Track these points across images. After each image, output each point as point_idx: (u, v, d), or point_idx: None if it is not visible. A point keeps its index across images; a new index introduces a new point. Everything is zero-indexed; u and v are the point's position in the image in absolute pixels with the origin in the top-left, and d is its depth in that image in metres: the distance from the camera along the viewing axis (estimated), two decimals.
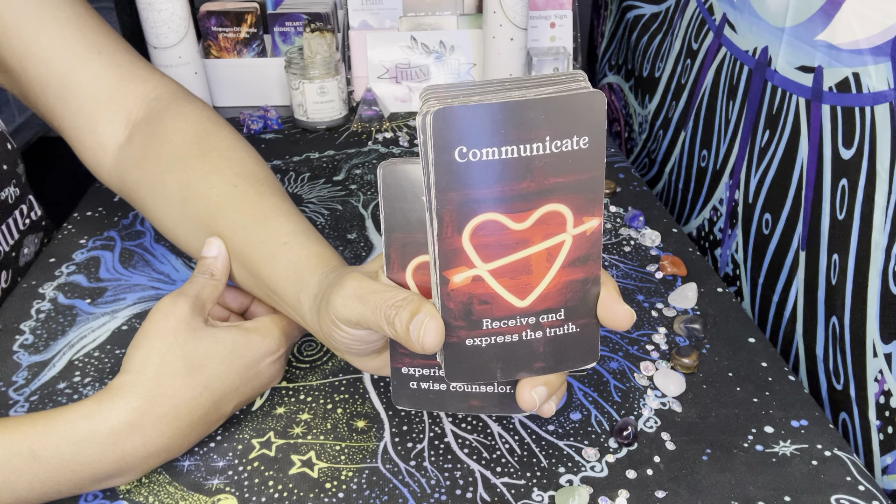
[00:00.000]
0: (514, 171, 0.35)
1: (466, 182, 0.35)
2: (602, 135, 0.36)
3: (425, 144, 0.35)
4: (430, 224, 0.36)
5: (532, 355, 0.40)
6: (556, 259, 0.38)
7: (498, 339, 0.39)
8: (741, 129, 0.70)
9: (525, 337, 0.39)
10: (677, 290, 0.66)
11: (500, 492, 0.48)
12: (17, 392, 0.56)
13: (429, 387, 0.45)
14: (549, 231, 0.37)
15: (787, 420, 0.53)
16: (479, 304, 0.38)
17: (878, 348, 0.51)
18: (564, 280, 0.39)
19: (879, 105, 0.50)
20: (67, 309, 0.64)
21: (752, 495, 0.47)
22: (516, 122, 0.34)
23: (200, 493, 0.48)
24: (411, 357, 0.44)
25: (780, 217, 0.64)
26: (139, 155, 0.57)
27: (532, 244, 0.37)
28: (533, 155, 0.35)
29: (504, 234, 0.37)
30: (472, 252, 0.37)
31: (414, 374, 0.45)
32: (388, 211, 0.40)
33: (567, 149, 0.35)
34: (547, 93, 0.35)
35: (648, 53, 0.94)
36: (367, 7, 1.03)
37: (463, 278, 0.37)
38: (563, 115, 0.35)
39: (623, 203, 0.81)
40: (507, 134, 0.34)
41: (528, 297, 0.38)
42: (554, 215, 0.37)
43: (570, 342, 0.40)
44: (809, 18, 0.58)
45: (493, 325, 0.39)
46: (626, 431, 0.51)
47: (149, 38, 0.92)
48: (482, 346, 0.39)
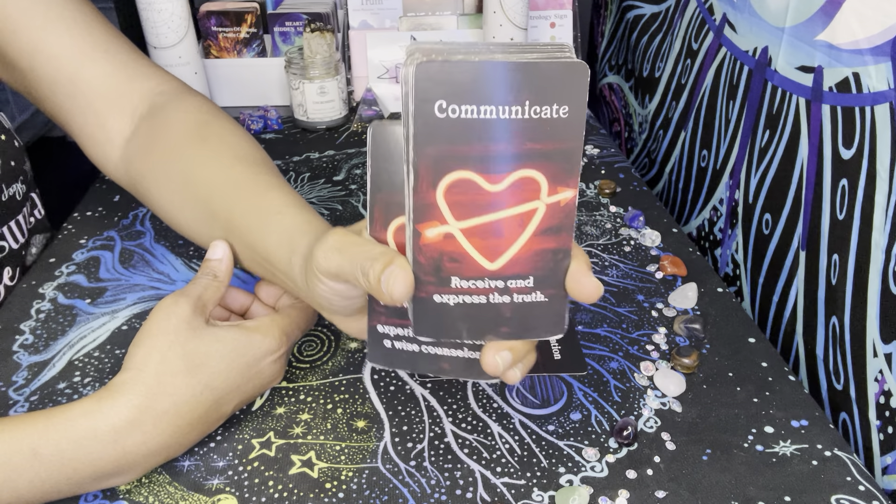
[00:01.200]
0: (491, 132, 0.36)
1: (444, 137, 0.36)
2: (582, 106, 0.36)
3: (407, 97, 0.35)
4: (407, 177, 0.37)
5: (498, 319, 0.40)
6: (527, 225, 0.38)
7: (466, 298, 0.39)
8: (741, 129, 0.70)
9: (492, 300, 0.40)
10: (677, 290, 0.66)
11: (500, 492, 0.48)
12: (16, 392, 0.56)
13: (402, 347, 0.45)
14: (523, 196, 0.38)
15: (788, 420, 0.53)
16: (449, 262, 0.39)
17: (878, 348, 0.51)
18: (535, 248, 0.39)
19: (879, 105, 0.50)
20: (67, 309, 0.64)
21: (752, 495, 0.47)
22: (497, 83, 0.35)
23: (200, 493, 0.48)
24: (387, 316, 0.45)
25: (781, 217, 0.64)
26: (143, 147, 0.59)
27: (505, 207, 0.38)
28: (511, 118, 0.36)
29: (478, 194, 0.37)
30: (446, 208, 0.37)
31: (389, 332, 0.45)
32: (374, 170, 0.41)
33: (546, 116, 0.36)
34: (531, 58, 0.35)
35: (648, 53, 0.94)
36: (367, 7, 1.03)
37: (435, 234, 0.38)
38: (545, 82, 0.35)
39: (623, 203, 0.81)
40: (486, 94, 0.35)
41: (497, 261, 0.39)
42: (528, 181, 0.37)
43: (537, 311, 0.40)
44: (809, 18, 0.58)
45: (462, 285, 0.39)
46: (627, 431, 0.51)
47: (149, 38, 0.92)
48: (450, 304, 0.39)
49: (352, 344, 0.61)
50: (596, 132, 0.98)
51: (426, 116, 0.35)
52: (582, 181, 0.85)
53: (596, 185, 0.84)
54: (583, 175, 0.86)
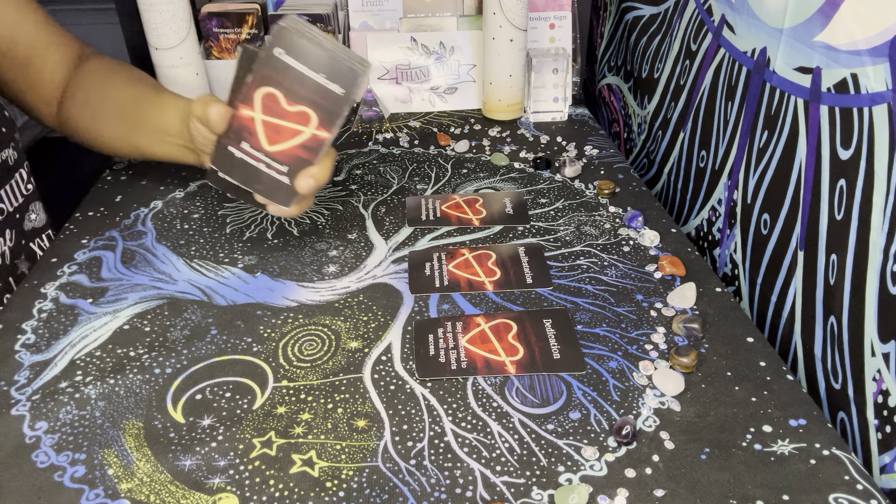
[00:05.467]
0: (300, 79, 0.58)
1: (274, 67, 0.58)
2: (352, 93, 0.59)
3: (268, 38, 0.59)
4: (248, 79, 0.59)
5: (257, 179, 0.62)
6: (296, 137, 0.61)
7: (245, 158, 0.62)
8: (740, 129, 0.70)
9: (258, 167, 0.62)
10: (676, 289, 0.66)
11: (499, 490, 0.48)
12: (18, 391, 0.56)
13: (224, 177, 0.64)
14: (301, 121, 0.60)
15: (786, 419, 0.53)
16: (246, 133, 0.61)
17: (876, 348, 0.51)
18: (295, 153, 0.61)
19: (877, 106, 0.50)
20: (69, 308, 0.65)
21: (751, 494, 0.48)
22: (315, 59, 0.58)
23: (202, 491, 0.48)
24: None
25: (779, 217, 0.64)
26: (69, 91, 0.78)
27: (289, 121, 0.60)
28: (312, 78, 0.58)
29: (277, 105, 0.60)
30: (258, 103, 0.60)
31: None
32: (237, 74, 0.62)
33: (330, 88, 0.59)
34: (339, 56, 0.58)
35: (647, 54, 0.95)
36: (367, 8, 1.03)
37: (246, 113, 0.60)
38: (337, 72, 0.58)
39: (622, 203, 0.81)
40: (307, 60, 0.58)
41: (273, 146, 0.61)
42: (306, 115, 0.60)
43: (280, 187, 0.62)
44: (808, 19, 0.58)
45: (247, 149, 0.61)
46: (625, 430, 0.51)
47: (150, 40, 0.92)
48: (236, 155, 0.62)
49: (352, 344, 0.61)
50: (595, 133, 0.98)
51: (269, 52, 0.58)
52: (581, 181, 0.86)
53: (595, 185, 0.84)
54: (582, 175, 0.87)
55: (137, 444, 0.52)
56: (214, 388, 0.57)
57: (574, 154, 0.92)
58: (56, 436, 0.52)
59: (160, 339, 0.61)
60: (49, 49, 0.77)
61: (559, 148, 0.94)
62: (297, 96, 0.59)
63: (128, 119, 0.75)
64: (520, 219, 0.79)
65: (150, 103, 0.74)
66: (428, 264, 0.71)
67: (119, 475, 0.49)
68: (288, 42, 0.58)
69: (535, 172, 0.88)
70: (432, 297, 0.67)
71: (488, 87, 1.00)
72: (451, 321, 0.63)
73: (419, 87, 1.04)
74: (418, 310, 0.65)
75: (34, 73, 0.77)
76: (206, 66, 0.98)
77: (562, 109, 1.01)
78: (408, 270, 0.70)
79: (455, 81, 1.04)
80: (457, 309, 0.65)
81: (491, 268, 0.70)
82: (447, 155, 0.93)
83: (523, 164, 0.90)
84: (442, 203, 0.81)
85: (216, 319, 0.64)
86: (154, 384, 0.57)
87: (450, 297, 0.67)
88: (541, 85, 0.99)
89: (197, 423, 0.53)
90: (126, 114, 0.76)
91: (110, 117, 0.77)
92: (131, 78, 0.79)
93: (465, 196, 0.83)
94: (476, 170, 0.89)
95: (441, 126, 1.01)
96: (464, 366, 0.58)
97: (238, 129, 0.61)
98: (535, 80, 0.99)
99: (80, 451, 0.51)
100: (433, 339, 0.61)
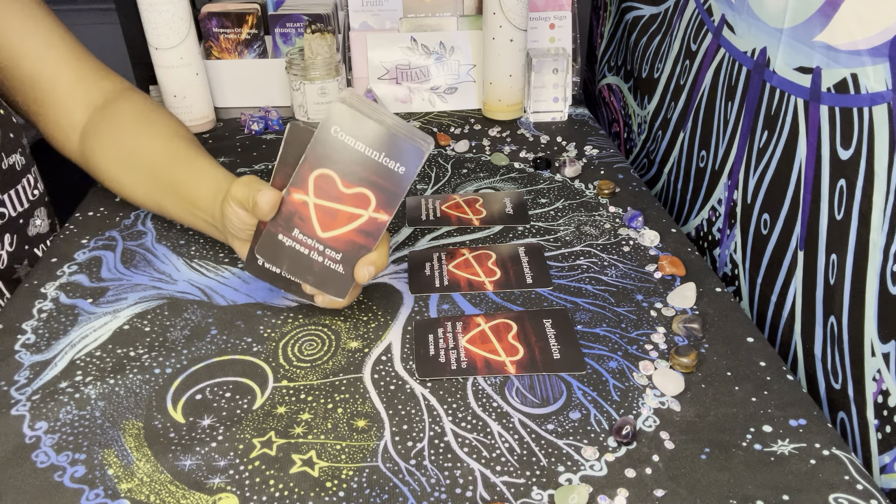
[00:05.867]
0: (357, 158, 0.55)
1: (330, 147, 0.55)
2: (414, 170, 0.55)
3: (325, 116, 0.55)
4: (301, 160, 0.56)
5: (309, 269, 0.58)
6: (353, 222, 0.57)
7: (296, 246, 0.58)
8: (740, 129, 0.70)
9: (311, 255, 0.58)
10: (676, 289, 0.66)
11: (499, 490, 0.48)
12: (18, 391, 0.56)
13: (267, 266, 0.61)
14: (358, 203, 0.57)
15: (786, 419, 0.53)
16: (298, 219, 0.57)
17: (876, 348, 0.51)
18: (351, 238, 0.57)
19: (877, 106, 0.50)
20: (69, 308, 0.65)
21: (751, 494, 0.48)
22: (371, 135, 0.55)
23: (202, 491, 0.48)
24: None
25: (779, 217, 0.64)
26: (97, 129, 0.75)
27: (345, 204, 0.57)
28: (370, 156, 0.55)
29: (333, 188, 0.56)
30: (311, 186, 0.56)
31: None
32: (283, 151, 0.57)
33: (390, 166, 0.55)
34: (399, 132, 0.55)
35: (647, 54, 0.95)
36: (367, 8, 1.03)
37: (298, 197, 0.57)
38: (397, 148, 0.55)
39: (622, 203, 0.81)
40: (363, 137, 0.55)
41: (326, 233, 0.57)
42: (365, 197, 0.56)
43: (334, 276, 0.59)
44: (808, 19, 0.58)
45: (298, 236, 0.58)
46: (625, 430, 0.51)
47: (150, 39, 0.92)
48: (285, 243, 0.58)
49: (352, 344, 0.61)
50: (595, 133, 0.98)
51: (325, 130, 0.55)
52: (581, 181, 0.86)
53: (595, 185, 0.84)
54: (582, 175, 0.87)
55: (137, 444, 0.52)
56: (214, 388, 0.57)
57: (574, 154, 0.92)
58: (56, 436, 0.52)
59: (160, 339, 0.61)
60: (74, 85, 0.75)
61: (559, 148, 0.94)
62: (354, 177, 0.55)
63: (157, 181, 0.71)
64: (520, 219, 0.79)
65: (183, 169, 0.69)
66: (428, 264, 0.71)
67: (119, 475, 0.49)
68: (345, 119, 0.54)
69: (535, 172, 0.88)
70: (432, 297, 0.67)
71: (488, 87, 1.00)
72: (451, 321, 0.63)
73: (419, 87, 1.04)
74: (418, 310, 0.65)
75: (53, 108, 0.76)
76: (206, 66, 0.98)
77: (562, 109, 1.01)
78: (408, 270, 0.70)
79: (455, 81, 1.04)
80: (457, 309, 0.65)
81: (491, 268, 0.70)
82: (447, 155, 0.93)
83: (523, 164, 0.90)
84: (442, 203, 0.81)
85: (216, 319, 0.64)
86: (154, 384, 0.57)
87: (450, 297, 0.67)
88: (541, 85, 0.99)
89: (197, 423, 0.53)
90: (156, 174, 0.71)
91: (138, 174, 0.72)
92: (166, 131, 0.74)
93: (465, 196, 0.83)
94: (476, 170, 0.89)
95: (441, 126, 1.01)
96: (464, 366, 0.58)
97: (289, 215, 0.56)
98: (535, 80, 0.99)
99: (80, 452, 0.51)
100: (433, 339, 0.61)
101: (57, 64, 0.75)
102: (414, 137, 0.55)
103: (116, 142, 0.73)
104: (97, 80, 0.77)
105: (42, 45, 0.74)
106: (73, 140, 0.76)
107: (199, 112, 0.97)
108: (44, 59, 0.74)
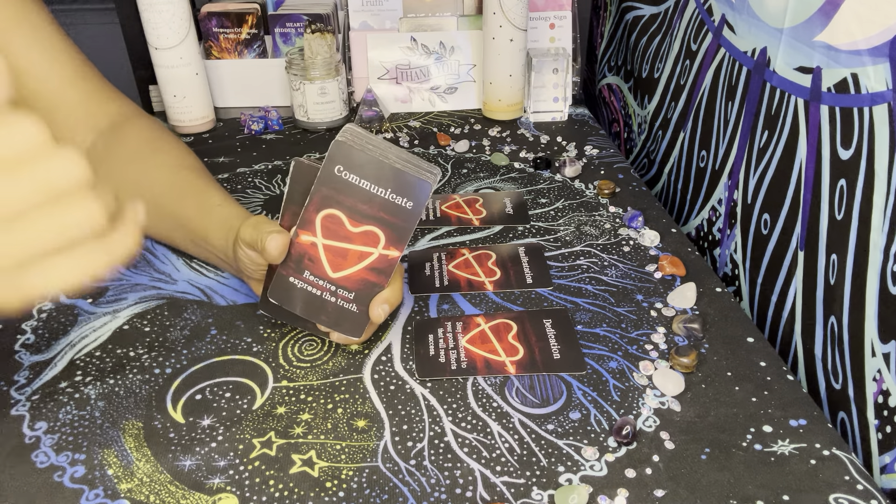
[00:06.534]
0: (363, 196, 0.54)
1: (334, 186, 0.54)
2: (422, 204, 0.54)
3: (327, 154, 0.53)
4: (307, 201, 0.55)
5: (322, 310, 0.57)
6: (363, 260, 0.56)
7: (308, 287, 0.57)
8: (740, 129, 0.70)
9: (324, 296, 0.57)
10: (676, 289, 0.66)
11: (499, 491, 0.48)
12: (18, 391, 0.56)
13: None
14: (368, 242, 0.55)
15: (786, 419, 0.53)
16: (308, 260, 0.56)
17: (876, 348, 0.51)
18: (362, 276, 0.56)
19: (878, 106, 0.50)
20: (69, 308, 0.65)
21: (751, 494, 0.48)
22: (376, 172, 0.53)
23: (201, 492, 0.48)
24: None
25: (779, 217, 0.64)
26: (101, 154, 0.71)
27: (355, 243, 0.55)
28: (377, 194, 0.54)
29: (341, 228, 0.55)
30: (319, 227, 0.55)
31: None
32: (290, 189, 0.57)
33: (397, 202, 0.54)
34: (404, 167, 0.53)
35: (648, 54, 0.95)
36: (367, 8, 1.03)
37: (306, 239, 0.55)
38: (403, 184, 0.53)
39: (622, 203, 0.81)
40: (368, 175, 0.53)
41: (337, 273, 0.56)
42: (374, 234, 0.55)
43: (348, 316, 0.57)
44: (808, 19, 0.58)
45: (309, 277, 0.56)
46: (626, 431, 0.51)
47: (150, 39, 0.92)
48: (297, 285, 0.57)
49: (352, 345, 0.61)
50: (595, 133, 0.98)
51: (328, 170, 0.53)
52: (581, 181, 0.86)
53: (595, 185, 0.84)
54: (582, 175, 0.87)
55: (137, 445, 0.52)
56: (214, 388, 0.57)
57: (574, 154, 0.92)
58: (56, 436, 0.52)
59: (160, 339, 0.61)
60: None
61: (559, 148, 0.94)
62: (361, 216, 0.54)
63: (163, 215, 0.68)
64: (520, 219, 0.78)
65: (191, 204, 0.67)
66: (428, 264, 0.71)
67: (119, 475, 0.49)
68: (347, 157, 0.52)
69: (535, 172, 0.88)
70: (432, 297, 0.67)
71: (488, 87, 1.00)
72: (451, 321, 0.63)
73: (419, 86, 1.04)
74: (418, 310, 0.65)
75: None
76: (205, 66, 0.98)
77: (562, 109, 1.01)
78: (407, 270, 0.70)
79: (455, 81, 1.04)
80: (457, 309, 0.65)
81: (491, 268, 0.70)
82: (447, 155, 0.93)
83: (523, 164, 0.90)
84: (442, 203, 0.81)
85: (216, 319, 0.64)
86: (154, 384, 0.57)
87: (450, 297, 0.67)
88: (541, 85, 0.99)
89: (197, 424, 0.53)
90: (161, 208, 0.68)
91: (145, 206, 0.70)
92: (172, 162, 0.71)
93: (465, 196, 0.83)
94: (476, 170, 0.89)
95: (441, 126, 1.01)
96: (464, 366, 0.58)
97: (298, 257, 0.55)
98: (535, 80, 0.99)
99: (79, 452, 0.51)
100: (433, 339, 0.61)
101: (61, 82, 0.72)
102: (420, 171, 0.54)
103: (120, 172, 0.70)
104: (102, 101, 0.74)
105: (47, 63, 0.71)
106: None
107: (198, 112, 0.97)
108: (47, 77, 0.71)
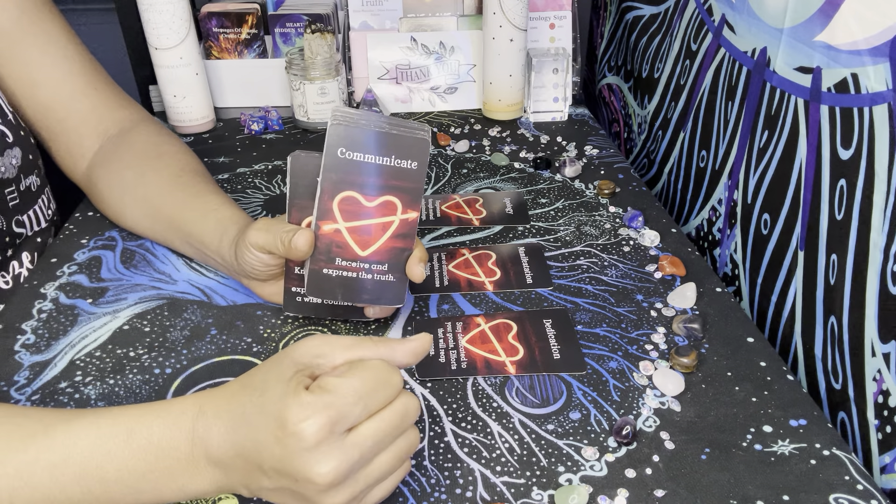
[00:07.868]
0: (370, 170, 0.55)
1: (341, 169, 0.55)
2: (425, 163, 0.55)
3: (325, 142, 0.54)
4: (317, 192, 0.55)
5: (362, 290, 0.58)
6: (387, 231, 0.57)
7: (343, 273, 0.57)
8: (740, 129, 0.70)
9: (360, 276, 0.57)
10: (676, 289, 0.66)
11: (499, 491, 0.48)
12: (18, 392, 0.56)
13: (309, 300, 0.61)
14: (386, 212, 0.56)
15: (786, 419, 0.53)
16: (336, 248, 0.56)
17: (876, 348, 0.51)
18: (390, 246, 0.57)
19: (878, 106, 0.50)
20: (69, 309, 0.65)
21: (751, 494, 0.48)
22: (376, 143, 0.54)
23: None
24: (299, 280, 0.61)
25: (779, 217, 0.64)
26: (106, 159, 0.73)
27: (374, 217, 0.56)
28: (382, 164, 0.55)
29: (358, 207, 0.56)
30: (338, 213, 0.56)
31: (299, 291, 0.62)
32: (292, 184, 0.58)
33: (402, 166, 0.55)
34: (399, 131, 0.54)
35: (648, 54, 0.95)
36: (367, 8, 1.03)
37: (329, 228, 0.56)
38: (403, 147, 0.55)
39: (622, 203, 0.81)
40: (369, 148, 0.54)
41: (366, 250, 0.57)
42: (390, 203, 0.56)
43: (387, 287, 0.58)
44: (808, 19, 0.58)
45: (342, 263, 0.57)
46: (626, 431, 0.51)
47: (150, 39, 0.92)
48: (332, 275, 0.57)
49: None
50: (595, 133, 0.98)
51: (331, 156, 0.54)
52: (581, 181, 0.86)
53: (595, 185, 0.84)
54: (582, 175, 0.87)
55: None
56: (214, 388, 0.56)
57: (574, 154, 0.92)
58: None
59: (160, 340, 0.61)
60: (89, 114, 0.74)
61: (559, 148, 0.94)
62: (374, 189, 0.55)
63: (159, 217, 0.69)
64: (520, 219, 0.78)
65: (188, 207, 0.67)
66: (428, 264, 0.71)
67: None
68: (347, 137, 0.54)
69: (535, 172, 0.88)
70: (432, 297, 0.67)
71: (488, 87, 1.00)
72: (451, 321, 0.63)
73: (419, 86, 1.04)
74: (418, 310, 0.65)
75: (65, 135, 0.74)
76: (205, 66, 0.98)
77: (562, 109, 1.01)
78: None
79: (455, 81, 1.04)
80: (457, 309, 0.65)
81: (491, 268, 0.70)
82: (447, 155, 0.93)
83: (523, 164, 0.90)
84: (442, 203, 0.81)
85: (216, 319, 0.64)
86: (154, 384, 0.57)
87: (450, 297, 0.67)
88: (541, 85, 0.99)
89: None
90: (158, 210, 0.69)
91: (141, 208, 0.71)
92: (174, 165, 0.72)
93: (465, 196, 0.83)
94: (476, 170, 0.89)
95: (441, 126, 1.01)
96: (464, 366, 0.58)
97: (326, 248, 0.56)
98: (535, 80, 0.99)
99: None
100: (433, 339, 0.61)
101: (73, 92, 0.74)
102: (413, 131, 0.55)
103: (122, 174, 0.72)
104: (113, 109, 0.76)
105: (60, 74, 0.73)
106: (81, 167, 0.75)
107: (198, 112, 0.97)
108: (61, 88, 0.73)
